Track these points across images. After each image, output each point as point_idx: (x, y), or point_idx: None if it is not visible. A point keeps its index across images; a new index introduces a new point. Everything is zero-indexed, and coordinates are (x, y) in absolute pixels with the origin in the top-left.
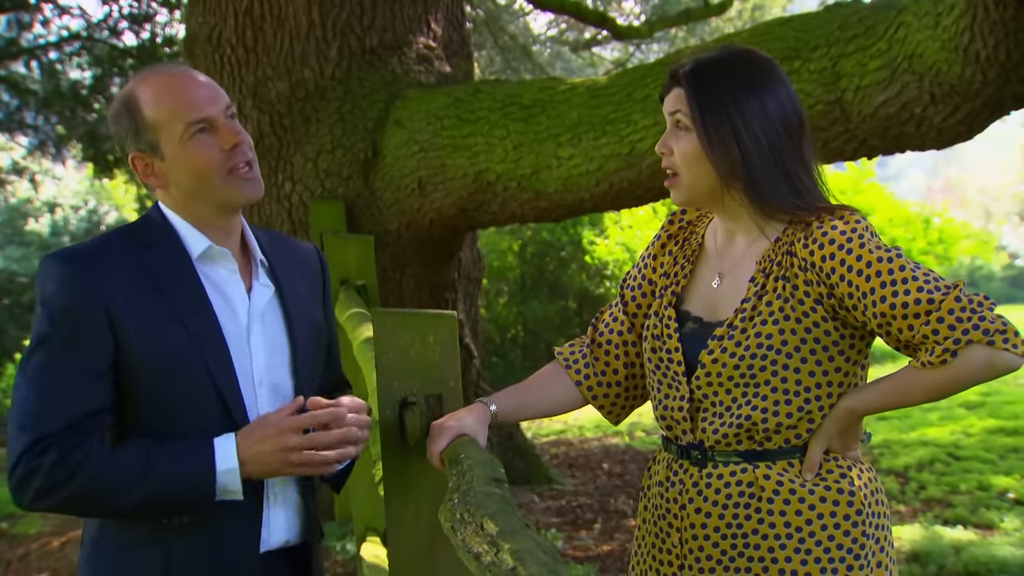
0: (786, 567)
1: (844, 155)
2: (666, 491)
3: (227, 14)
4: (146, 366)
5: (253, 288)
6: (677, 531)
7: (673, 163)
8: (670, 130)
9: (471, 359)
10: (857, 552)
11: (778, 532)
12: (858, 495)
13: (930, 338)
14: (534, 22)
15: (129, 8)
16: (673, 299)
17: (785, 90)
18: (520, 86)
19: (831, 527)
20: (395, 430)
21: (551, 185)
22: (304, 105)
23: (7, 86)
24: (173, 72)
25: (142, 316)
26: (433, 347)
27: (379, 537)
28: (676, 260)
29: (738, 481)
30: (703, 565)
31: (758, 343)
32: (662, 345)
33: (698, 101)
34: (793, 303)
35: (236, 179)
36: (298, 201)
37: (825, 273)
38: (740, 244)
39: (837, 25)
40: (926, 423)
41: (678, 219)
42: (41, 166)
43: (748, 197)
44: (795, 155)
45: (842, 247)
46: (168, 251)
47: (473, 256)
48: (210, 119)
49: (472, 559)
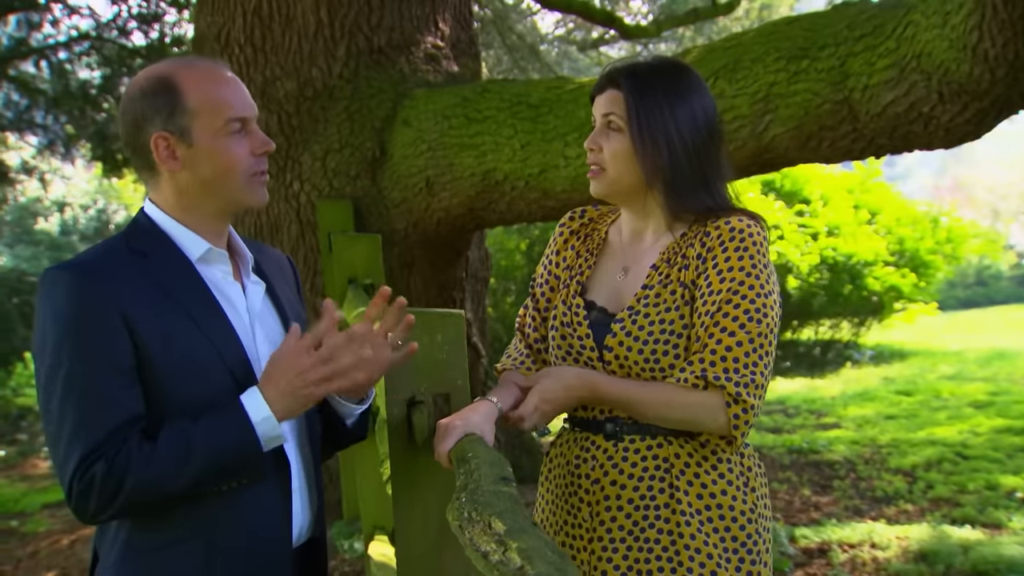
0: (691, 543)
1: (852, 154)
2: (576, 468)
3: (235, 14)
4: (169, 374)
5: (246, 287)
6: (588, 504)
7: (601, 159)
8: (600, 129)
9: (479, 358)
10: (751, 547)
11: (683, 509)
12: (750, 496)
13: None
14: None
15: (138, 8)
16: (579, 288)
17: (710, 100)
18: (528, 85)
19: (728, 519)
20: (403, 429)
21: (559, 184)
22: (312, 104)
23: (17, 86)
24: (216, 68)
25: (159, 325)
26: (441, 346)
27: (387, 536)
28: (579, 254)
29: (654, 455)
30: (614, 535)
31: (661, 328)
32: (572, 332)
33: (635, 105)
34: (692, 290)
35: (256, 183)
36: (306, 200)
37: (693, 267)
38: (647, 240)
39: (845, 24)
40: (934, 422)
41: (579, 216)
42: (50, 165)
43: (666, 197)
44: (714, 162)
45: (722, 244)
46: (167, 257)
47: (481, 255)
48: (247, 120)
49: (480, 558)
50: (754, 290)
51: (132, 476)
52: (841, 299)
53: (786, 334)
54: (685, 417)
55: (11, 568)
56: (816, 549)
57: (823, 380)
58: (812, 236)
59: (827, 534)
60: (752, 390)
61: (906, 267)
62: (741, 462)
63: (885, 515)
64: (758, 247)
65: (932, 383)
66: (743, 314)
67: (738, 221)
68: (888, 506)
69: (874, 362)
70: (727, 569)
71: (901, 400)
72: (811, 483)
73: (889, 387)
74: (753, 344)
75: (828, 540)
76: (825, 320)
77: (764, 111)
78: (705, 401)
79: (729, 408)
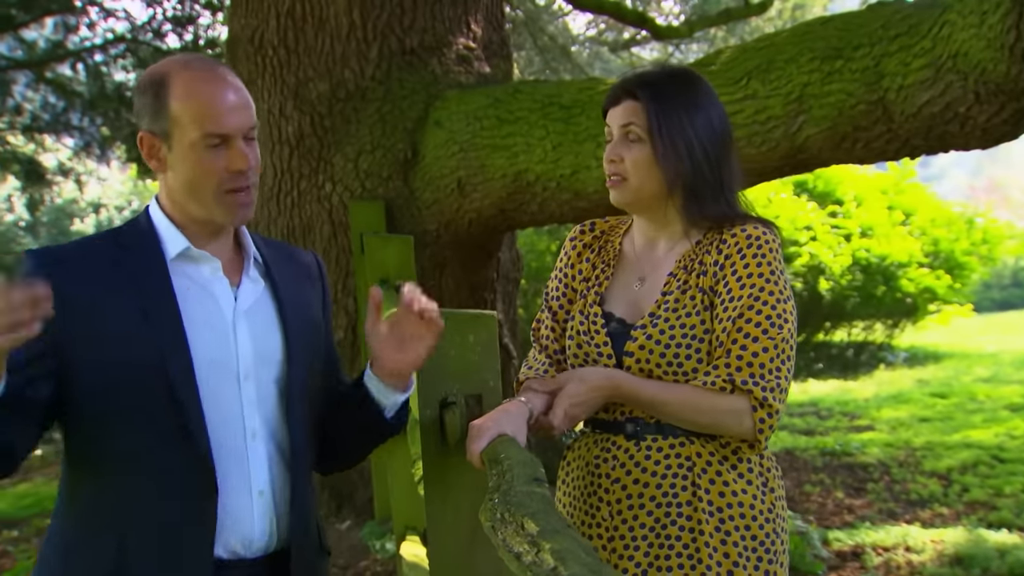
0: (710, 540)
1: (886, 155)
2: (596, 468)
3: (269, 16)
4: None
5: (242, 284)
6: (608, 504)
7: (622, 169)
8: (619, 140)
9: (510, 359)
10: (768, 546)
11: (704, 507)
12: (769, 496)
13: (730, 363)
14: (573, 22)
15: (173, 11)
16: (597, 298)
17: (721, 108)
18: (559, 86)
19: (748, 518)
20: (435, 430)
21: (590, 185)
22: (344, 106)
23: (54, 88)
24: (212, 75)
25: (109, 321)
26: (473, 347)
27: (418, 536)
28: (595, 265)
29: (676, 454)
30: (636, 533)
31: (683, 333)
32: (590, 340)
33: (656, 114)
34: (711, 296)
35: (230, 200)
36: (338, 201)
37: (711, 273)
38: (661, 248)
39: (880, 24)
40: (969, 425)
41: (589, 229)
42: (86, 167)
43: (686, 204)
44: (730, 168)
45: (740, 251)
46: (144, 253)
47: (512, 256)
48: (227, 137)
49: (513, 559)
50: (774, 296)
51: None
52: (875, 301)
53: (818, 335)
54: (711, 420)
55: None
56: (849, 552)
57: (856, 382)
58: (845, 237)
59: (861, 537)
60: (777, 395)
61: (941, 268)
62: (760, 463)
63: (920, 518)
64: (774, 254)
65: (967, 385)
66: (765, 319)
67: (753, 228)
68: (923, 509)
69: (908, 364)
70: (745, 568)
71: (936, 402)
72: (844, 485)
73: (923, 389)
74: (777, 349)
75: (862, 543)
76: (858, 322)
77: (797, 111)
78: (731, 405)
79: (755, 412)
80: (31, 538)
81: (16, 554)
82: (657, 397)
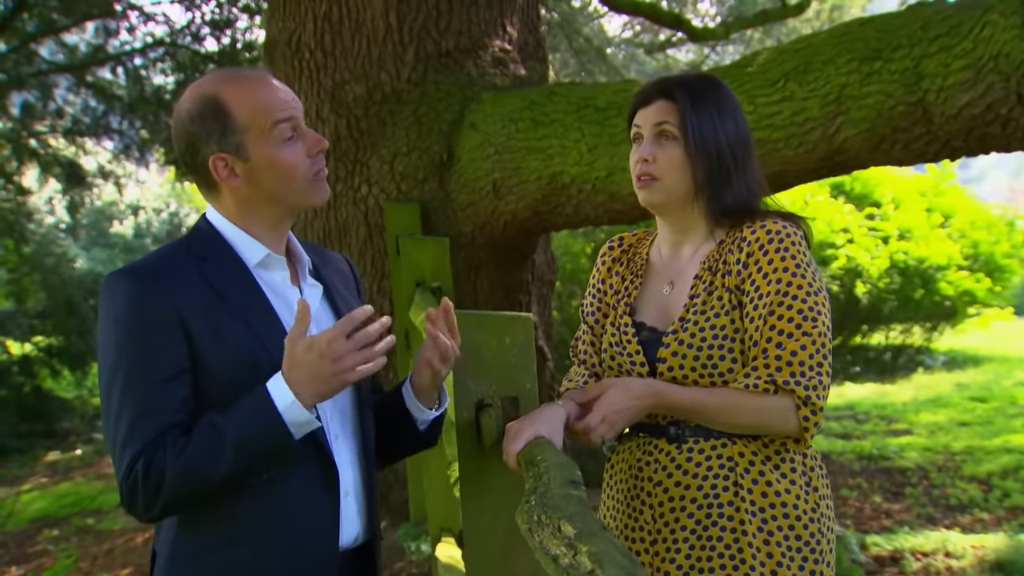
0: (753, 541)
1: (926, 157)
2: (639, 471)
3: (306, 19)
4: (223, 373)
5: (303, 290)
6: (650, 507)
7: (654, 169)
8: (652, 140)
9: (545, 361)
10: (813, 546)
11: (747, 507)
12: (812, 496)
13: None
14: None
15: (211, 14)
16: (627, 309)
17: (743, 113)
18: (595, 88)
19: (792, 517)
20: (471, 432)
21: (626, 187)
22: (380, 108)
23: (94, 92)
24: (258, 77)
25: (213, 325)
26: (509, 349)
27: (454, 538)
28: (624, 278)
29: (718, 455)
30: (677, 536)
31: (713, 335)
32: (622, 350)
33: (690, 114)
34: (737, 294)
35: (317, 183)
36: (374, 204)
37: (735, 272)
38: (686, 252)
39: (920, 25)
40: (1010, 429)
41: (618, 244)
42: (125, 170)
43: (712, 204)
44: (753, 170)
45: (762, 247)
46: (225, 261)
47: (547, 258)
48: (297, 123)
49: (550, 561)
50: (803, 289)
51: (169, 470)
52: (913, 304)
53: (855, 338)
54: (755, 422)
55: (87, 565)
56: (888, 557)
57: (894, 386)
58: (883, 240)
59: (899, 542)
60: (820, 392)
61: (981, 271)
62: (804, 462)
63: (959, 523)
64: (797, 247)
65: (1008, 389)
66: (796, 314)
67: (772, 223)
68: (963, 514)
69: (947, 368)
70: (789, 568)
71: (975, 407)
72: (882, 490)
73: (963, 393)
74: (815, 345)
75: (900, 548)
76: (896, 325)
77: (836, 113)
78: (775, 405)
79: (799, 411)
80: (70, 537)
81: (56, 553)
82: (700, 403)
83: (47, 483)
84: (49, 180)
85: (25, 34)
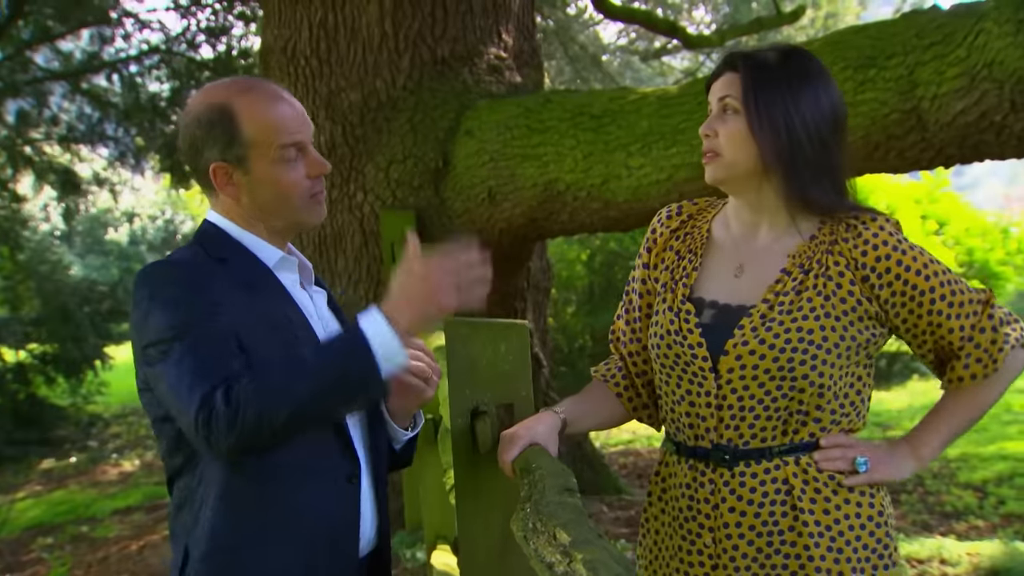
0: (821, 565)
1: (920, 164)
2: (695, 492)
3: (301, 26)
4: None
5: (311, 296)
6: (710, 531)
7: (716, 144)
8: (716, 114)
9: (540, 369)
10: (881, 552)
11: (811, 530)
12: (878, 496)
13: (981, 343)
14: (604, 32)
15: (207, 22)
16: (687, 292)
17: (837, 92)
18: (590, 96)
19: (857, 527)
20: (466, 439)
21: (621, 195)
22: (376, 115)
23: (89, 99)
24: (273, 93)
25: (248, 321)
26: (505, 356)
27: (449, 545)
28: (680, 255)
29: (773, 479)
30: (738, 563)
31: (799, 337)
32: (682, 340)
33: (751, 83)
34: (835, 300)
35: (313, 204)
36: (369, 211)
37: (878, 273)
38: (764, 236)
39: (914, 33)
40: (1005, 436)
41: (676, 213)
42: (120, 177)
43: (787, 186)
44: (840, 152)
45: (896, 248)
46: (246, 262)
47: (542, 265)
48: (302, 144)
49: (545, 568)
50: (938, 276)
51: (248, 390)
52: None
53: None
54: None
55: (82, 573)
56: None
57: (888, 392)
58: None
59: None
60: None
61: (975, 279)
62: None
63: (955, 531)
64: (907, 243)
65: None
66: (961, 292)
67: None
68: (958, 521)
69: None
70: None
71: None
72: None
73: None
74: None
75: None
76: None
77: None
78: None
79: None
80: (65, 544)
81: (51, 560)
82: (955, 434)
83: (41, 491)
84: (44, 187)
85: (20, 41)
